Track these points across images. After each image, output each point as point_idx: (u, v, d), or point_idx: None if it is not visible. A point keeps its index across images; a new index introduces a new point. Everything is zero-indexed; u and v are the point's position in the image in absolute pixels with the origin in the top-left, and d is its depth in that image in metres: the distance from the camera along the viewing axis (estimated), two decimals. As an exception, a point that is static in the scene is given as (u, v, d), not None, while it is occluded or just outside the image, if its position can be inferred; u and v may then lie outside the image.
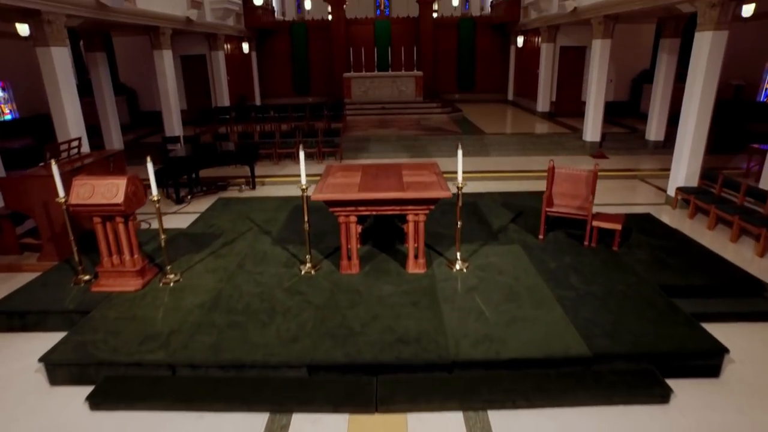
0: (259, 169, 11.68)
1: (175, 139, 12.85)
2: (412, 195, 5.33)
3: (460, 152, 5.48)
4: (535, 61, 18.32)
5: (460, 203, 5.68)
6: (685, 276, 5.77)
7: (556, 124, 16.02)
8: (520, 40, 19.47)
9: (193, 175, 10.24)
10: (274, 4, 22.56)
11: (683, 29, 12.32)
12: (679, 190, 8.71)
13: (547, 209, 6.78)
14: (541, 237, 6.87)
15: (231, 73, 18.54)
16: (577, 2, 13.48)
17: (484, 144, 13.29)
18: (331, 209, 5.60)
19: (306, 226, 5.78)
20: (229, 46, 18.72)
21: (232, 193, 10.28)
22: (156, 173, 10.64)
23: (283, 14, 26.84)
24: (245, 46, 19.43)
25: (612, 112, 16.14)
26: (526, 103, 19.77)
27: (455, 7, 23.47)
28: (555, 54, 16.98)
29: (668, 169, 9.33)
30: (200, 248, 6.82)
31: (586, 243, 6.60)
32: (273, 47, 22.01)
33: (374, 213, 5.58)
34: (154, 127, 16.51)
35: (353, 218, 5.61)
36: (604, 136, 13.25)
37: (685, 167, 8.76)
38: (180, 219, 8.61)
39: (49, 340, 4.86)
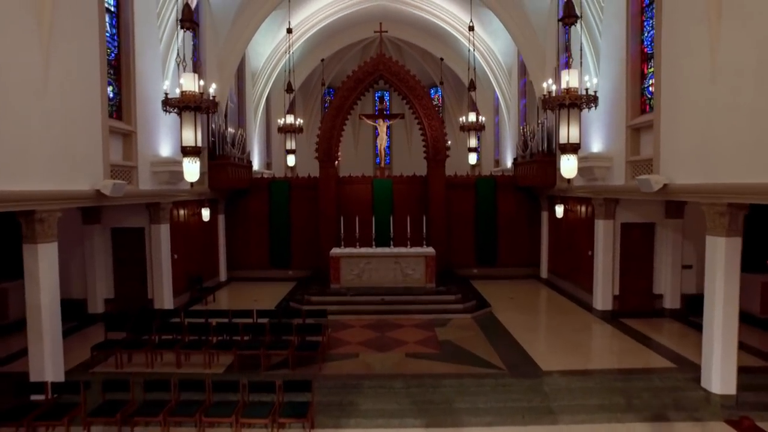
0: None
1: (40, 388, 7.82)
2: None
3: None
4: (581, 235, 14.01)
5: None
6: None
7: (628, 334, 11.12)
8: (559, 210, 15.26)
9: None
10: (253, 158, 18.90)
11: None
12: None
13: None
14: None
15: (183, 247, 14.05)
16: (667, 178, 9.23)
17: (545, 395, 8.17)
18: None
19: None
20: (185, 211, 14.46)
21: None
22: None
23: (268, 165, 23.34)
24: (206, 213, 15.12)
25: (693, 308, 11.78)
26: (569, 287, 15.06)
27: (472, 165, 19.77)
28: (615, 233, 12.59)
29: None
30: None
31: None
32: (247, 209, 17.77)
33: None
34: (67, 324, 11.46)
35: None
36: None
37: None
38: None
39: None
